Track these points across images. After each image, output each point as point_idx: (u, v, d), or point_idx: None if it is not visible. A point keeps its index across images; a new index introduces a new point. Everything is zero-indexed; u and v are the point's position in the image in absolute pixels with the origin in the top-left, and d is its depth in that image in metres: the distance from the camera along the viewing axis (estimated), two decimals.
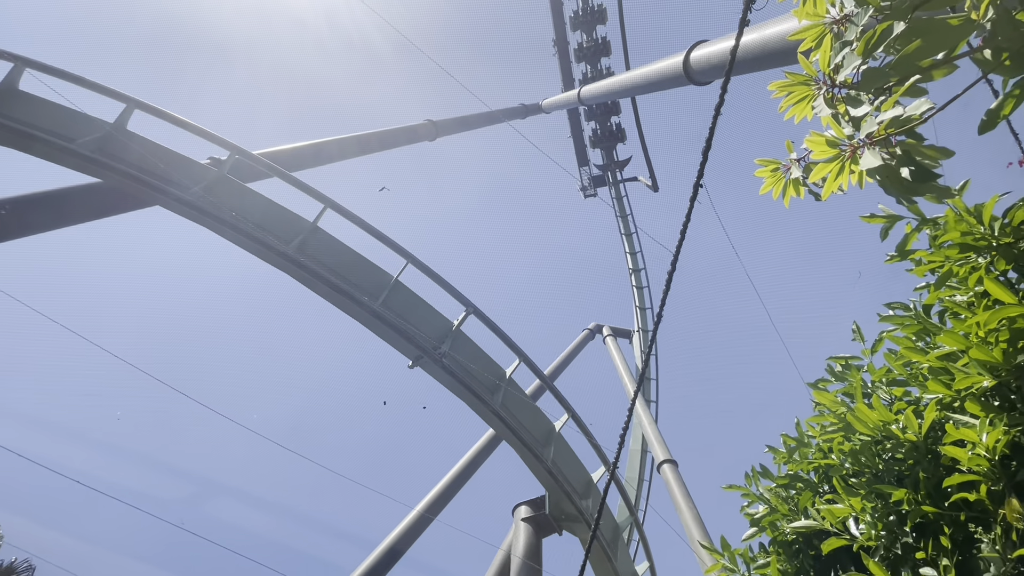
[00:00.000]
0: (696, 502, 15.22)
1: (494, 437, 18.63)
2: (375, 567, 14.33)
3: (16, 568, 14.31)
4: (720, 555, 3.30)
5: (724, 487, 3.74)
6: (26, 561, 14.39)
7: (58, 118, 10.13)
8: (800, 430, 3.49)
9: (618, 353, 24.70)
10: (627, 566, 13.96)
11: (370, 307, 11.09)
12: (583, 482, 13.46)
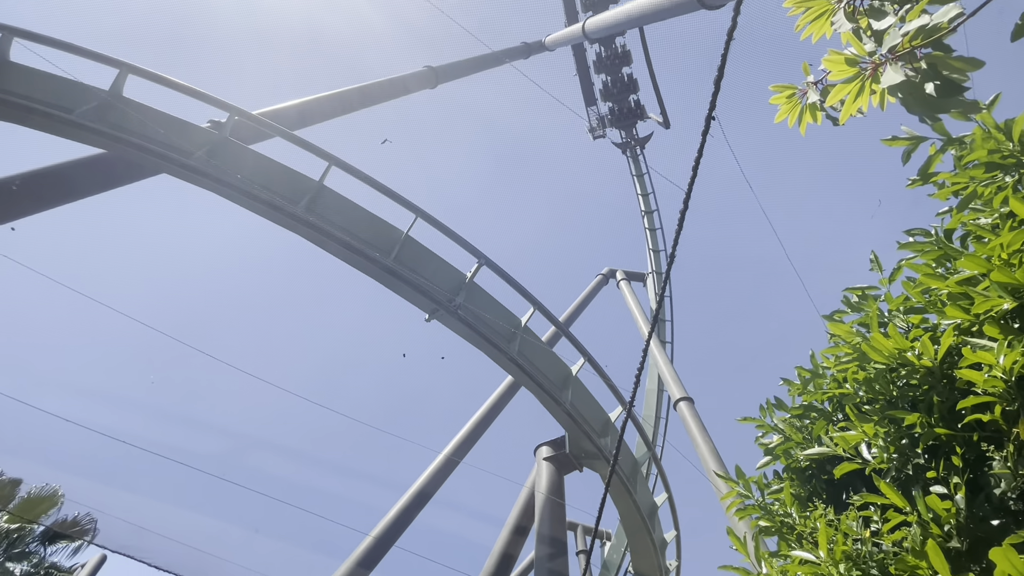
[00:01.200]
0: (712, 438, 15.66)
1: (513, 383, 19.16)
2: (407, 508, 15.24)
3: (79, 522, 15.52)
4: (735, 483, 3.43)
5: (739, 419, 3.83)
6: (88, 515, 15.58)
7: (53, 88, 9.97)
8: (815, 362, 3.51)
9: (632, 296, 24.76)
10: (646, 498, 14.61)
11: (383, 263, 11.16)
12: (601, 421, 13.88)
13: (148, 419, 39.89)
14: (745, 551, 2.77)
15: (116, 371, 54.08)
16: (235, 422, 53.88)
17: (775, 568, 2.48)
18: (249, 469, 35.29)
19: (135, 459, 10.17)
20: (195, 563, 8.46)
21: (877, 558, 2.24)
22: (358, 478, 43.07)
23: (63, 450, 31.12)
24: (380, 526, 14.87)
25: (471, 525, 33.05)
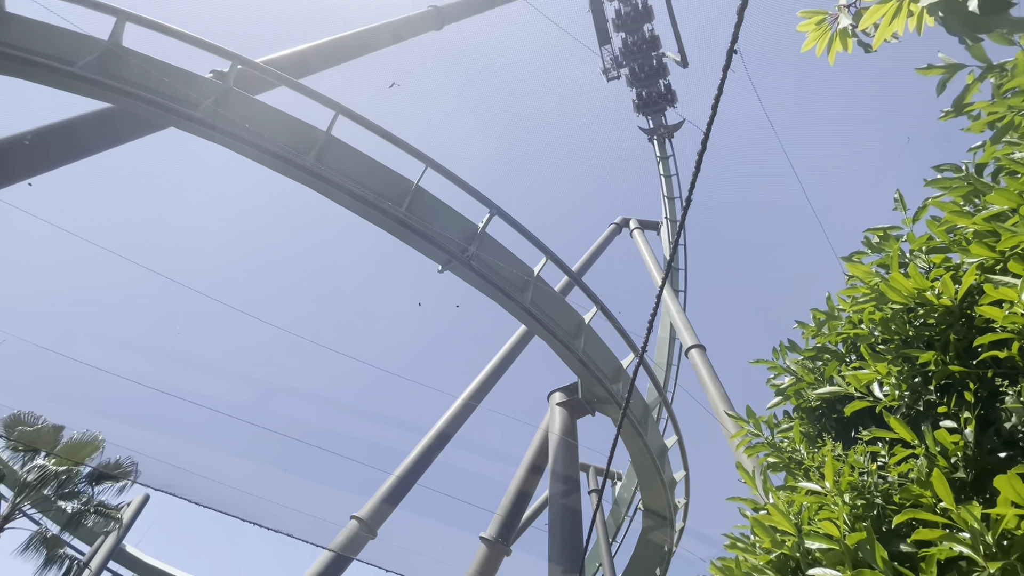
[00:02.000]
0: (724, 384, 15.89)
1: (527, 332, 19.46)
2: (428, 449, 15.96)
3: (121, 464, 16.56)
4: (745, 422, 3.51)
5: (752, 361, 3.88)
6: (128, 458, 16.60)
7: (53, 40, 9.76)
8: (831, 304, 3.50)
9: (645, 245, 24.52)
10: (656, 440, 15.08)
11: (394, 214, 11.13)
12: (613, 368, 14.14)
13: (179, 368, 41.64)
14: (753, 484, 2.88)
15: (142, 323, 56.01)
16: (262, 370, 56.04)
17: (781, 499, 2.58)
18: (277, 414, 36.99)
19: (169, 406, 10.73)
20: (230, 499, 9.09)
21: (882, 488, 2.32)
22: (381, 422, 45.00)
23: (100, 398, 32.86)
24: (403, 466, 15.66)
25: (488, 464, 34.65)
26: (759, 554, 2.58)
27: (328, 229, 70.63)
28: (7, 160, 8.41)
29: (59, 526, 15.72)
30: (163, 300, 50.29)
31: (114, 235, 47.48)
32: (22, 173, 8.60)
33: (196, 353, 53.11)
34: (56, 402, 29.30)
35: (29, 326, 39.76)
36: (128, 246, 59.18)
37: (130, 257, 9.74)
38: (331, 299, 70.53)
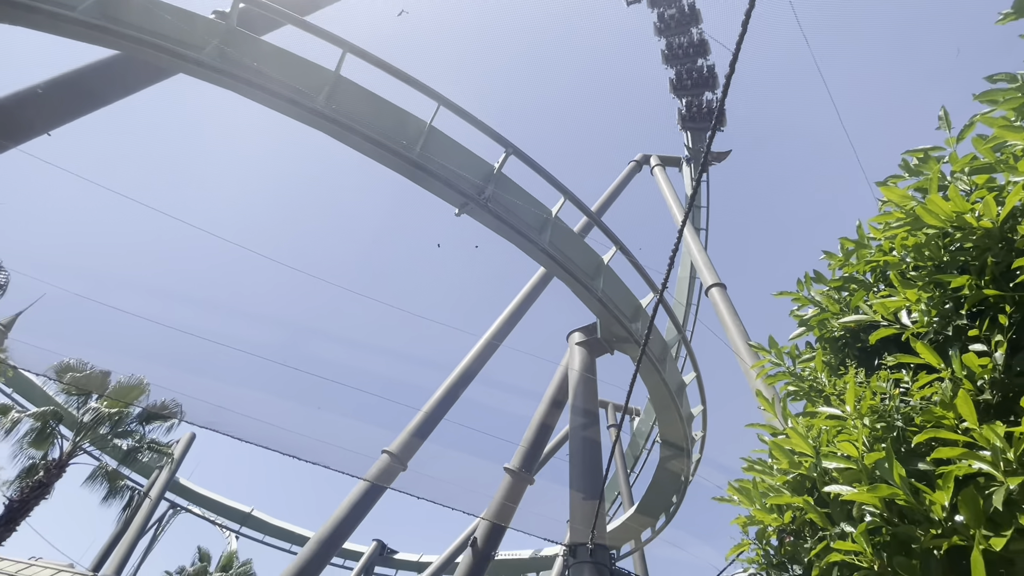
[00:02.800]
0: (744, 323, 15.86)
1: (547, 273, 19.50)
2: (453, 386, 16.56)
3: (167, 406, 17.61)
4: (767, 352, 3.52)
5: (775, 294, 3.83)
6: (173, 400, 17.64)
7: None
8: (861, 232, 3.38)
9: (666, 183, 23.81)
10: (675, 376, 15.34)
11: (408, 157, 10.95)
12: (632, 307, 14.18)
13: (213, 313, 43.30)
14: (772, 410, 2.93)
15: (171, 270, 57.80)
16: (292, 314, 57.98)
17: (800, 424, 2.63)
18: (309, 355, 38.59)
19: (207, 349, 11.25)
20: (269, 435, 9.68)
21: (903, 411, 2.33)
22: (408, 361, 46.57)
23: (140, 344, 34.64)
24: (430, 402, 16.35)
25: (511, 400, 35.92)
26: (776, 475, 2.66)
27: (349, 175, 70.24)
28: (25, 110, 8.43)
29: (116, 462, 17.06)
30: (189, 248, 51.63)
31: (141, 185, 48.10)
32: (41, 125, 8.63)
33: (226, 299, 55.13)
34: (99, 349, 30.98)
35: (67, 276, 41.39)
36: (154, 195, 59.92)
37: (156, 206, 9.89)
38: (354, 244, 71.35)
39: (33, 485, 14.13)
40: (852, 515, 2.24)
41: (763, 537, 2.86)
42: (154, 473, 31.83)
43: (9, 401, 23.54)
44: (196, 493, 36.47)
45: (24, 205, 48.50)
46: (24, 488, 14.15)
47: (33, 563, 18.05)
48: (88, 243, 53.04)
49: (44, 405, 16.80)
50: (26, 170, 30.44)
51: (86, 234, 54.09)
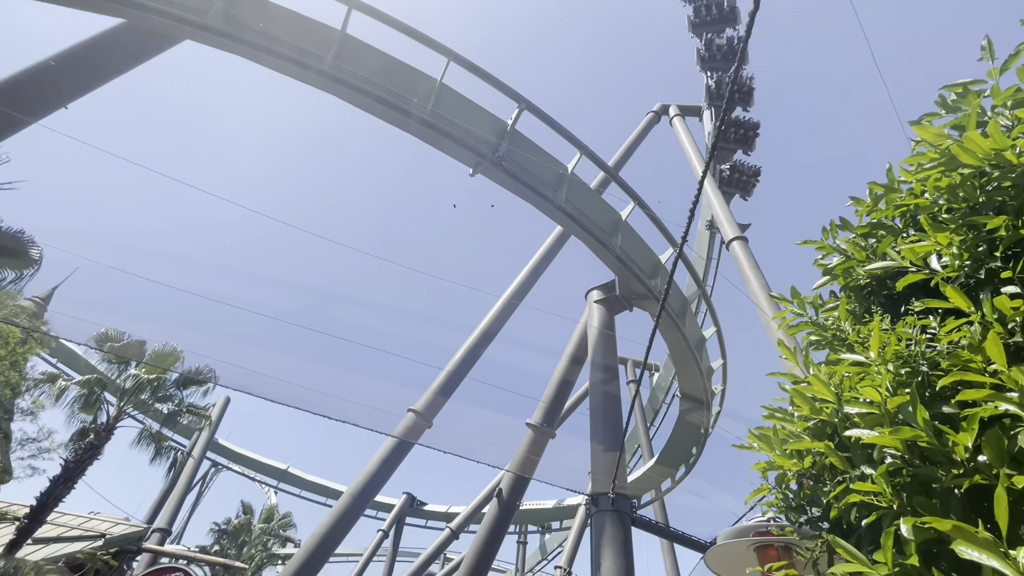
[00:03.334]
0: (767, 278, 15.61)
1: (563, 232, 19.34)
2: (475, 346, 16.86)
3: (201, 371, 18.35)
4: (789, 302, 3.48)
5: (799, 243, 3.74)
6: (207, 366, 18.35)
7: None
8: (891, 175, 3.26)
9: (686, 133, 23.01)
10: (695, 332, 15.32)
11: (420, 116, 10.76)
12: (651, 264, 14.05)
13: (240, 280, 44.39)
14: (794, 359, 2.92)
15: (194, 240, 59.03)
16: (315, 280, 59.12)
17: (822, 372, 2.62)
18: (334, 319, 39.59)
19: (238, 316, 11.60)
20: (299, 396, 10.08)
21: (929, 356, 2.31)
22: (430, 323, 47.38)
23: (173, 312, 35.83)
24: (452, 361, 16.73)
25: (532, 358, 36.55)
26: (797, 422, 2.68)
27: (365, 139, 69.56)
28: (40, 84, 8.47)
29: (159, 424, 18.02)
30: (211, 217, 52.52)
31: (160, 156, 48.54)
32: (57, 99, 8.69)
33: (249, 266, 56.36)
34: (133, 318, 32.14)
35: (98, 249, 42.60)
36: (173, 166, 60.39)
37: (177, 177, 10.00)
38: (373, 209, 71.47)
39: (85, 447, 15.07)
40: (873, 458, 2.26)
41: (782, 482, 2.92)
42: (195, 434, 33.64)
43: (55, 370, 24.86)
44: (235, 452, 38.51)
45: (50, 180, 49.52)
46: (77, 450, 15.11)
47: (92, 517, 19.49)
48: (114, 215, 54.28)
49: (87, 373, 17.67)
50: (47, 145, 30.81)
51: (112, 206, 55.28)
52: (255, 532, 26.58)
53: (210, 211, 56.82)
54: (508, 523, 14.40)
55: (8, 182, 9.96)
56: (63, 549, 15.75)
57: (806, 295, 3.66)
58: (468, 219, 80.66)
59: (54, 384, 16.39)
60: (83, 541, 16.87)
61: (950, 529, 1.68)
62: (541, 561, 37.71)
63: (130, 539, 19.27)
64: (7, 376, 15.66)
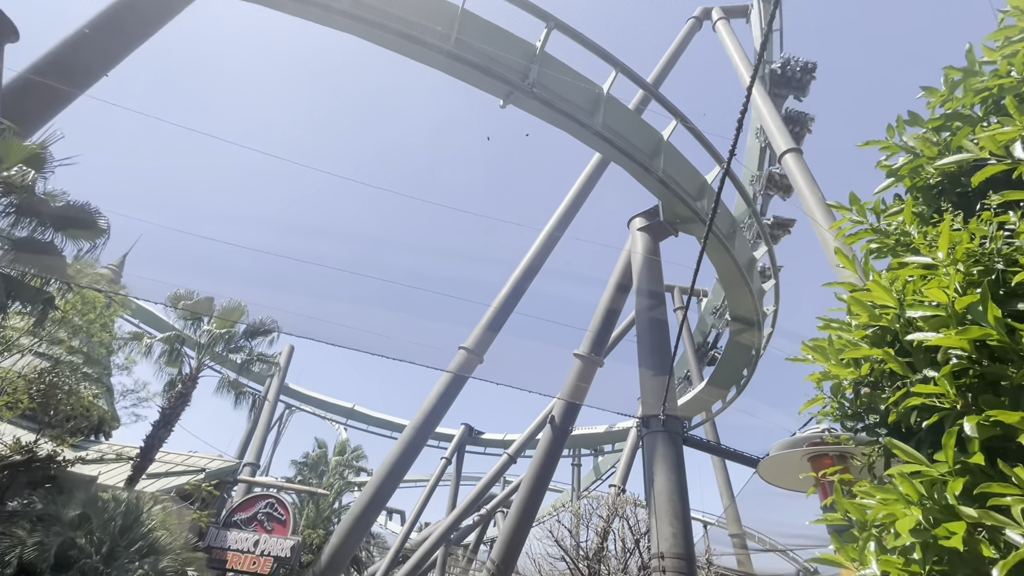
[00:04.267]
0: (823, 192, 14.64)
1: (602, 159, 18.66)
2: (520, 280, 17.07)
3: (265, 322, 19.58)
4: (847, 210, 3.28)
5: (861, 144, 3.46)
6: (269, 318, 19.55)
7: None
8: (971, 57, 2.90)
9: (731, 38, 21.04)
10: (745, 252, 14.79)
11: (445, 48, 10.34)
12: (696, 185, 13.44)
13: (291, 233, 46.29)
14: (852, 267, 2.79)
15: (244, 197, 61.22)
16: (363, 228, 60.66)
17: (883, 278, 2.50)
18: (383, 263, 40.93)
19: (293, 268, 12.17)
20: (357, 339, 10.64)
21: (1005, 253, 2.16)
22: (475, 261, 48.24)
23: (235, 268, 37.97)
24: (499, 297, 17.07)
25: (577, 289, 36.77)
26: (854, 331, 2.61)
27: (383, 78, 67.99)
28: (80, 55, 8.67)
29: (235, 373, 19.62)
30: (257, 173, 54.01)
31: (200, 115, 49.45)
32: (98, 67, 8.88)
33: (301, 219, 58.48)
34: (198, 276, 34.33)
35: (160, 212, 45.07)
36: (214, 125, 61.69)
37: (219, 136, 10.24)
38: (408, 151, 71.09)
39: (175, 395, 16.73)
40: (936, 361, 2.19)
41: (838, 391, 2.89)
42: (267, 380, 36.59)
43: (139, 330, 27.25)
44: (304, 395, 41.75)
45: (100, 148, 51.80)
46: (170, 398, 16.82)
47: (192, 455, 21.99)
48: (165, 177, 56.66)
49: (167, 331, 19.26)
50: (93, 115, 31.96)
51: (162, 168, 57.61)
52: (331, 464, 29.26)
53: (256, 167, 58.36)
54: (561, 448, 15.13)
55: (66, 157, 10.49)
56: (172, 482, 17.97)
57: (866, 201, 3.43)
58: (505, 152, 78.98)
59: (140, 342, 18.02)
60: (187, 475, 19.16)
61: (1018, 421, 1.64)
62: (595, 481, 39.79)
63: (226, 472, 21.72)
64: (100, 337, 17.33)
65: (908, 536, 1.86)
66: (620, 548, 15.30)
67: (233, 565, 17.15)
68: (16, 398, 14.07)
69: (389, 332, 14.05)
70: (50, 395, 15.18)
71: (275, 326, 19.38)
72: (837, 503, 2.40)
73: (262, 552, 17.34)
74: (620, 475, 24.69)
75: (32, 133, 9.28)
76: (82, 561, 10.30)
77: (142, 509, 12.07)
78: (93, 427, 20.15)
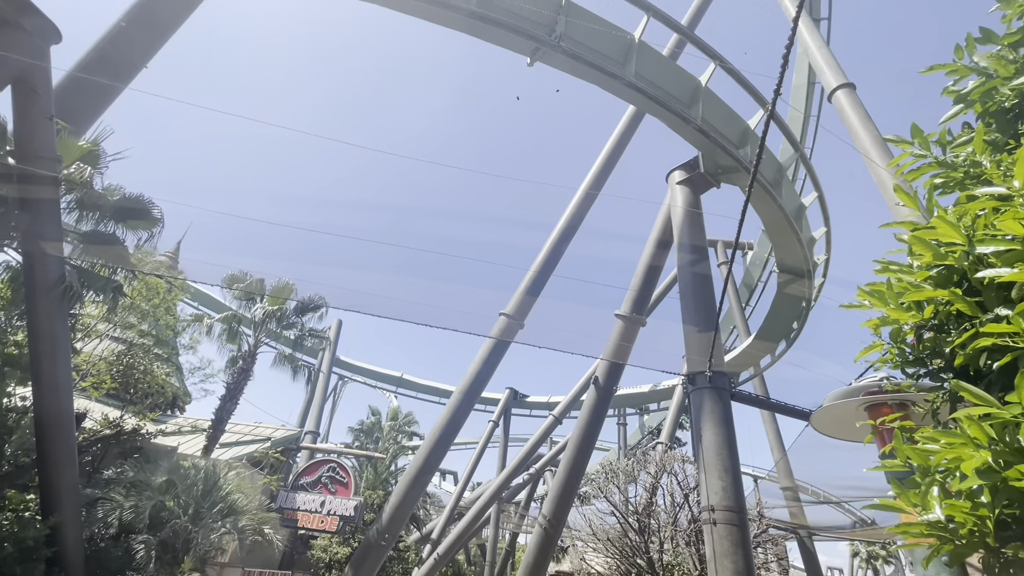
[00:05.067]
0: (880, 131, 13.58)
1: (637, 112, 17.94)
2: (558, 242, 16.95)
3: (313, 299, 20.37)
4: (908, 143, 3.04)
5: (924, 70, 3.17)
6: (317, 294, 20.31)
7: None
8: None
9: None
10: (792, 200, 14.06)
11: (467, 8, 10.04)
12: (738, 132, 12.76)
13: (331, 210, 47.48)
14: (914, 204, 2.61)
15: (282, 175, 62.89)
16: (392, 198, 61.50)
17: (949, 213, 2.33)
18: (418, 233, 41.71)
19: (335, 243, 12.52)
20: (400, 309, 10.95)
21: None
22: (510, 225, 48.18)
23: (281, 247, 39.47)
24: (537, 261, 17.04)
25: (615, 248, 36.21)
26: (916, 272, 2.46)
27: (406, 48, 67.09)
28: (119, 48, 8.95)
29: (289, 348, 20.65)
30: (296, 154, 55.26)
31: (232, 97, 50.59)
32: (136, 59, 9.17)
33: (338, 195, 59.84)
34: (248, 257, 35.87)
35: (204, 198, 47.02)
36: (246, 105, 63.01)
37: (256, 117, 10.48)
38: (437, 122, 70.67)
39: (237, 371, 17.84)
40: (1010, 299, 2.05)
41: (898, 336, 2.75)
42: (319, 354, 38.39)
43: (199, 312, 28.96)
44: (356, 366, 43.60)
45: (149, 138, 53.98)
46: (233, 374, 17.95)
47: (258, 425, 23.56)
48: (210, 162, 58.71)
49: (223, 311, 20.37)
50: (136, 107, 33.17)
51: (207, 154, 59.70)
52: (385, 430, 30.70)
53: (291, 146, 59.61)
54: (606, 408, 15.26)
55: (117, 152, 10.99)
56: (243, 451, 19.39)
57: (929, 133, 3.17)
58: (535, 112, 77.26)
59: (201, 322, 19.16)
60: (255, 444, 20.60)
61: None
62: (642, 439, 40.13)
63: (290, 440, 23.21)
64: (166, 320, 18.54)
65: (975, 479, 1.79)
66: (669, 503, 15.52)
67: (303, 524, 18.54)
68: (100, 379, 15.37)
69: (431, 301, 14.43)
70: (129, 375, 16.50)
71: (322, 301, 20.14)
72: (897, 450, 2.33)
73: (328, 512, 18.63)
74: (667, 432, 24.76)
75: (84, 130, 9.76)
76: (172, 522, 11.38)
77: (219, 475, 13.13)
78: (168, 402, 21.86)
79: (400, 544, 25.48)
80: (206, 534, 11.50)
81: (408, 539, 28.93)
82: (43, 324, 9.01)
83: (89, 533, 10.58)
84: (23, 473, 10.05)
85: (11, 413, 9.37)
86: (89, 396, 15.67)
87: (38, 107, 8.10)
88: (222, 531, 11.87)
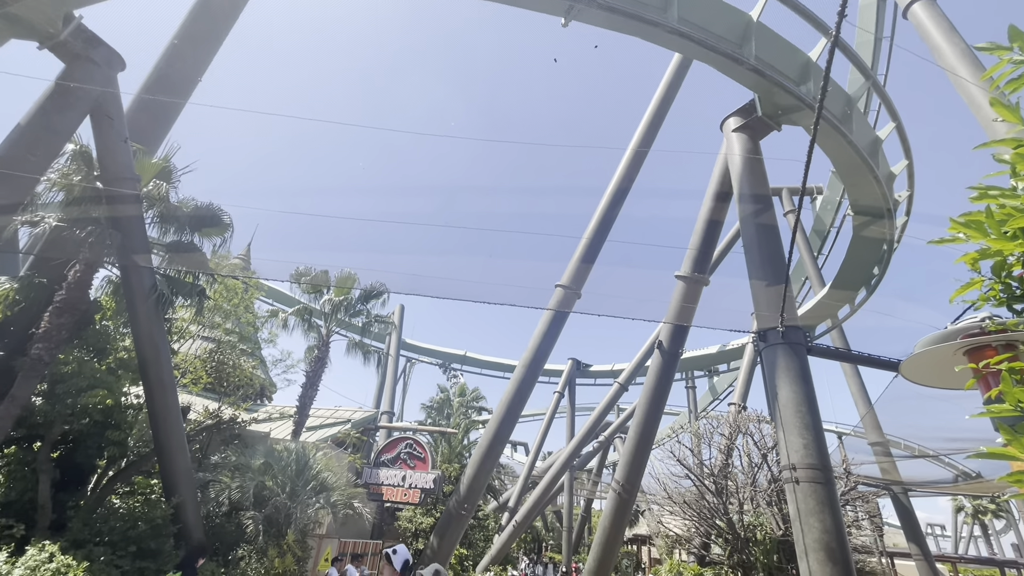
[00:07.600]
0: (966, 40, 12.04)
1: (683, 60, 16.94)
2: (610, 206, 16.52)
3: (375, 287, 21.18)
4: (1006, 50, 2.65)
5: None
6: (378, 281, 21.11)
7: None
8: None
9: None
10: (865, 133, 12.85)
11: None
12: (798, 66, 11.74)
13: (383, 198, 48.95)
14: (1016, 118, 2.28)
15: (332, 168, 65.27)
16: (441, 178, 62.46)
17: None
18: (469, 212, 42.23)
19: (392, 230, 12.91)
20: (457, 288, 11.15)
21: None
22: (560, 194, 47.72)
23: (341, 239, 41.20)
24: (590, 228, 16.76)
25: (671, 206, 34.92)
26: (1022, 194, 2.18)
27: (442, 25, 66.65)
28: (177, 67, 9.49)
29: (358, 336, 21.71)
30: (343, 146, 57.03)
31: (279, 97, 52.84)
32: (192, 74, 9.70)
33: (388, 181, 61.46)
34: (309, 251, 37.72)
35: (264, 199, 49.69)
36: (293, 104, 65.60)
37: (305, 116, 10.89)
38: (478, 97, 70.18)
39: (314, 360, 19.01)
40: None
41: (1001, 269, 2.47)
42: (387, 338, 40.10)
43: (273, 307, 30.96)
44: (421, 347, 45.25)
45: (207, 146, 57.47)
46: (310, 363, 19.16)
47: (338, 408, 25.13)
48: (268, 165, 61.90)
49: (294, 305, 21.66)
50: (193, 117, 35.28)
51: (260, 156, 62.91)
52: (454, 406, 31.82)
53: (338, 138, 61.60)
54: (673, 371, 14.94)
55: (186, 166, 11.77)
56: (326, 433, 20.79)
57: None
58: (575, 73, 74.97)
59: (277, 317, 20.50)
60: (337, 426, 22.03)
61: None
62: (713, 401, 39.13)
63: (368, 421, 24.60)
64: (246, 318, 19.99)
65: None
66: (746, 463, 15.12)
67: (388, 497, 19.78)
68: (197, 375, 16.91)
69: (486, 278, 14.59)
70: (221, 370, 18.01)
71: (383, 288, 20.92)
72: (1006, 393, 2.11)
73: (410, 485, 19.74)
74: (739, 393, 23.98)
75: (155, 149, 10.52)
76: (273, 499, 12.48)
77: (308, 456, 14.20)
78: (257, 393, 23.76)
79: (479, 513, 26.61)
80: (303, 509, 12.53)
81: (487, 508, 30.14)
82: (144, 329, 9.98)
83: (205, 511, 11.83)
84: (145, 461, 11.33)
85: (129, 410, 10.54)
86: (190, 391, 17.32)
87: (114, 132, 8.80)
88: (317, 506, 12.89)
